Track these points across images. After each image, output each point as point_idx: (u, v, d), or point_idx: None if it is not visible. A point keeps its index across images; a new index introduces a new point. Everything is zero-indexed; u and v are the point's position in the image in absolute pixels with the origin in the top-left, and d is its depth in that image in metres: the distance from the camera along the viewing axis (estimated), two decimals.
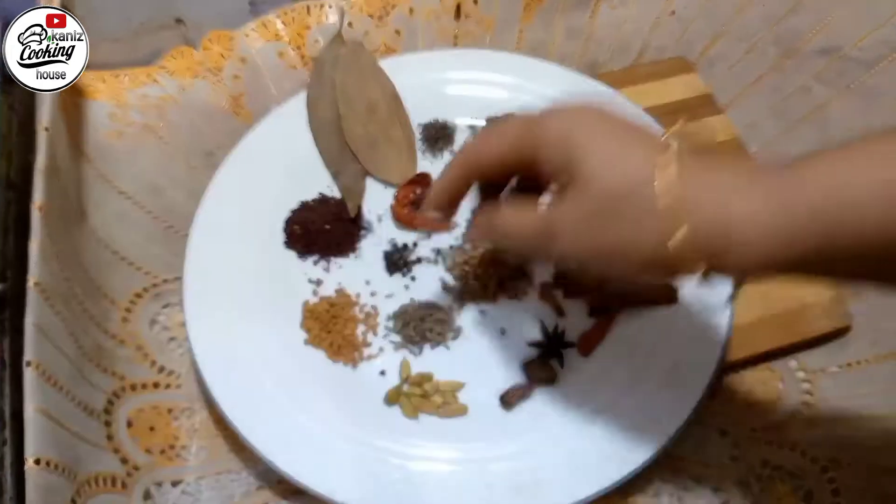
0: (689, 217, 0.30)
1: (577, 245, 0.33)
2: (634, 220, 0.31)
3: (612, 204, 0.31)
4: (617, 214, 0.31)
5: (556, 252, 0.35)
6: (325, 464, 0.43)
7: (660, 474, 0.47)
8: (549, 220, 0.34)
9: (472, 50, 0.64)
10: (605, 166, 0.32)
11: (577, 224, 0.33)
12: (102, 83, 0.58)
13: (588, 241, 0.32)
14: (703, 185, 0.30)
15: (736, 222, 0.29)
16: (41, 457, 0.36)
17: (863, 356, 0.51)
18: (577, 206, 0.32)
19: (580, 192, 0.32)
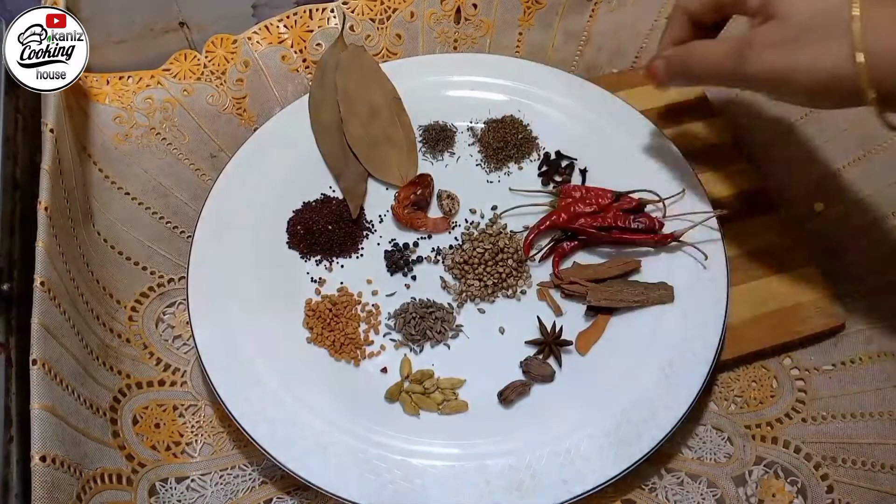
0: (866, 45, 0.33)
1: (765, 64, 0.37)
2: (820, 44, 0.35)
3: (801, 29, 0.36)
4: (804, 38, 0.36)
5: (743, 72, 0.39)
6: (327, 459, 0.44)
7: (656, 470, 0.48)
8: (744, 41, 0.39)
9: (471, 54, 0.64)
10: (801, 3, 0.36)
11: (769, 45, 0.37)
12: (107, 86, 0.59)
13: (776, 60, 0.37)
14: (882, 18, 0.34)
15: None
16: (47, 454, 0.37)
17: (856, 354, 0.51)
18: (772, 30, 0.37)
19: (776, 21, 0.37)
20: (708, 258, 0.50)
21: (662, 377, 0.46)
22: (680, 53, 0.45)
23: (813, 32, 0.36)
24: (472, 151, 0.58)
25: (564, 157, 0.57)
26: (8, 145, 0.47)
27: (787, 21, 0.36)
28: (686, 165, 0.54)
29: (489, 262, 0.51)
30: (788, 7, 0.37)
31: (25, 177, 0.48)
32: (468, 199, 0.56)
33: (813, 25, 0.36)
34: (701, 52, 0.43)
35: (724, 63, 0.41)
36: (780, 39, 0.37)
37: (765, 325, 0.51)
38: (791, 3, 0.37)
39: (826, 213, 0.57)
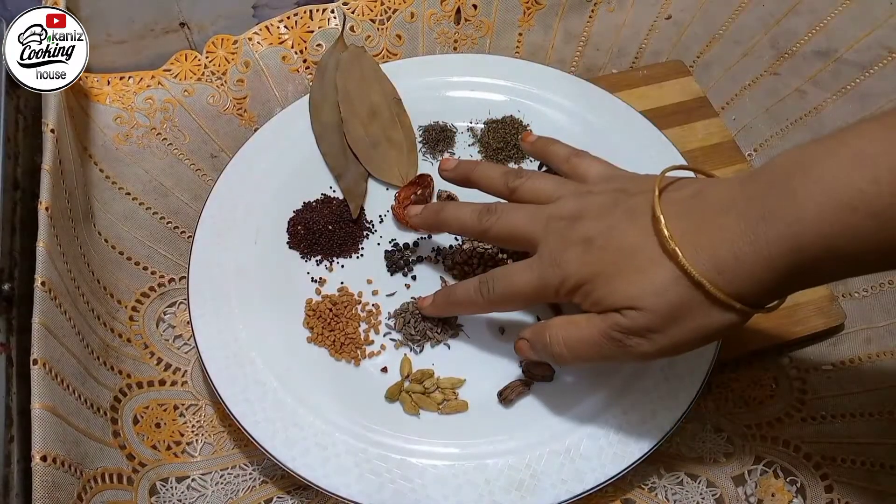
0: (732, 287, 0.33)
1: (658, 346, 0.36)
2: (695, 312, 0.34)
3: (667, 311, 0.35)
4: (677, 314, 0.35)
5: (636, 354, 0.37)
6: (327, 459, 0.44)
7: (655, 470, 0.48)
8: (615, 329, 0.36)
9: (471, 54, 0.65)
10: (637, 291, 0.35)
11: (647, 332, 0.36)
12: (108, 86, 0.59)
13: (666, 342, 0.36)
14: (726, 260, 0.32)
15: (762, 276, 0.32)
16: (48, 453, 0.37)
17: (855, 354, 0.51)
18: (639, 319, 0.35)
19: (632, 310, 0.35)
20: None
21: (662, 377, 0.46)
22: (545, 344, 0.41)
23: (680, 311, 0.34)
24: (472, 151, 0.58)
25: None
26: (9, 145, 0.47)
27: (647, 312, 0.35)
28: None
29: (489, 262, 0.51)
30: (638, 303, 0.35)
31: (26, 177, 0.48)
32: (468, 199, 0.55)
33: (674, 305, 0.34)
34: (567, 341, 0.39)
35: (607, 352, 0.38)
36: (653, 326, 0.35)
37: (765, 325, 0.52)
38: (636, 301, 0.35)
39: None
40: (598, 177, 0.42)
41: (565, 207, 0.40)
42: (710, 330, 0.35)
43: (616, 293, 0.36)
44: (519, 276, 0.41)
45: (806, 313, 0.52)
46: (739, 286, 0.33)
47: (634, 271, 0.35)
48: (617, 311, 0.36)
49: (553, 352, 0.40)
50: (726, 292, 0.33)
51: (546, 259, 0.39)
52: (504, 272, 0.42)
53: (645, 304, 0.35)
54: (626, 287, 0.35)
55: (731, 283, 0.33)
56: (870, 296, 0.53)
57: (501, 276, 0.42)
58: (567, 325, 0.39)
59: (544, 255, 0.39)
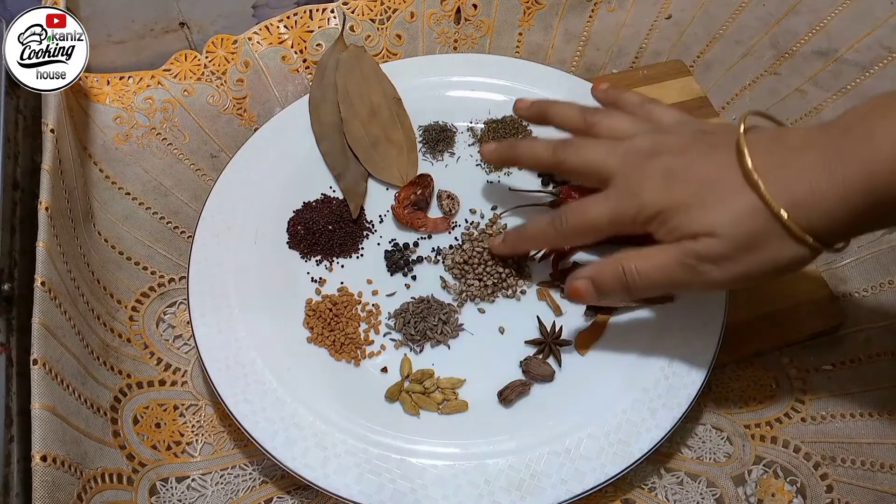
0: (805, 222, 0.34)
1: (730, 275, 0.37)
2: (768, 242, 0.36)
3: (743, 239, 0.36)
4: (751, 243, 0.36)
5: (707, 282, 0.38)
6: (327, 459, 0.44)
7: (655, 470, 0.48)
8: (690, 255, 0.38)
9: (471, 54, 0.65)
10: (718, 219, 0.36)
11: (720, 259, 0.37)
12: (107, 86, 0.59)
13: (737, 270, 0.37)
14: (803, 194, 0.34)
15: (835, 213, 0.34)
16: (48, 453, 0.37)
17: (855, 354, 0.51)
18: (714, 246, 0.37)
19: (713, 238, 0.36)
20: None
21: (662, 377, 0.46)
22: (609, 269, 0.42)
23: (755, 241, 0.36)
24: (472, 151, 0.58)
25: None
26: (8, 145, 0.47)
27: (724, 236, 0.36)
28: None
29: (489, 262, 0.51)
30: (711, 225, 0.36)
31: (26, 177, 0.48)
32: (468, 199, 0.56)
33: (750, 235, 0.36)
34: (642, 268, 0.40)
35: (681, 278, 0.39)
36: (728, 254, 0.36)
37: (765, 325, 0.52)
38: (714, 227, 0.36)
39: None
40: (674, 120, 0.43)
41: (642, 143, 0.41)
42: (780, 262, 0.36)
43: (694, 221, 0.37)
44: (594, 207, 0.42)
45: (806, 313, 0.52)
46: (814, 221, 0.34)
47: (714, 201, 0.36)
48: (692, 239, 0.37)
49: (627, 280, 0.40)
50: (801, 226, 0.34)
51: (622, 190, 0.40)
52: (578, 205, 0.43)
53: (723, 231, 0.36)
54: (705, 215, 0.36)
55: (807, 218, 0.34)
56: (870, 296, 0.53)
57: (575, 208, 0.43)
58: (638, 255, 0.40)
59: (620, 186, 0.40)
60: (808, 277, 0.53)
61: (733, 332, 0.50)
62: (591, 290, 0.42)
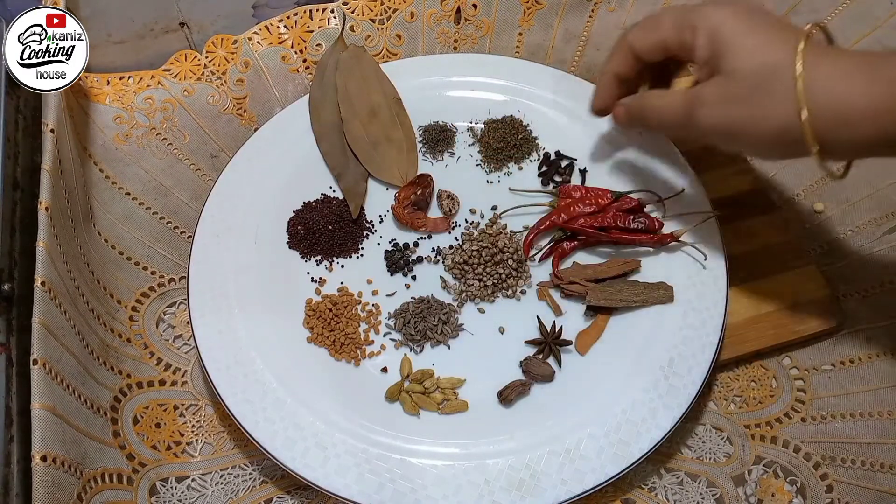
0: (809, 102, 0.35)
1: (715, 119, 0.40)
2: (766, 101, 0.37)
3: (748, 86, 0.38)
4: (752, 95, 0.37)
5: (695, 126, 0.41)
6: (327, 459, 0.44)
7: (655, 470, 0.48)
8: (694, 96, 0.41)
9: (471, 54, 0.64)
10: (746, 58, 0.38)
11: (718, 102, 0.39)
12: (107, 86, 0.59)
13: (725, 116, 0.39)
14: (822, 75, 0.35)
15: (845, 105, 0.35)
16: (48, 453, 0.37)
17: (855, 354, 0.51)
18: (720, 86, 0.39)
19: (724, 77, 0.39)
20: (708, 258, 0.50)
21: (662, 377, 0.46)
22: (635, 104, 0.47)
23: (759, 89, 0.37)
24: (472, 151, 0.58)
25: (564, 158, 0.57)
26: (8, 145, 0.47)
27: (734, 77, 0.38)
28: (686, 165, 0.54)
29: (489, 262, 0.51)
30: (734, 63, 0.38)
31: (26, 177, 0.48)
32: (468, 199, 0.56)
33: (759, 83, 0.37)
34: (654, 104, 0.45)
35: (676, 117, 0.43)
36: (729, 96, 0.39)
37: (765, 325, 0.52)
38: (737, 59, 0.38)
39: (826, 213, 0.57)
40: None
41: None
42: (766, 126, 0.37)
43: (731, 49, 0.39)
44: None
45: (806, 313, 0.52)
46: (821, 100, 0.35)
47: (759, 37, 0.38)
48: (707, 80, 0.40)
49: (641, 107, 0.46)
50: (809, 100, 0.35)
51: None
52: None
53: (740, 68, 0.38)
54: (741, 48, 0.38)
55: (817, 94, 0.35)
56: (870, 296, 0.53)
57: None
58: (657, 93, 0.46)
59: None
60: (808, 277, 0.53)
61: (733, 332, 0.50)
62: (625, 116, 0.48)
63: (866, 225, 0.55)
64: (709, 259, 0.50)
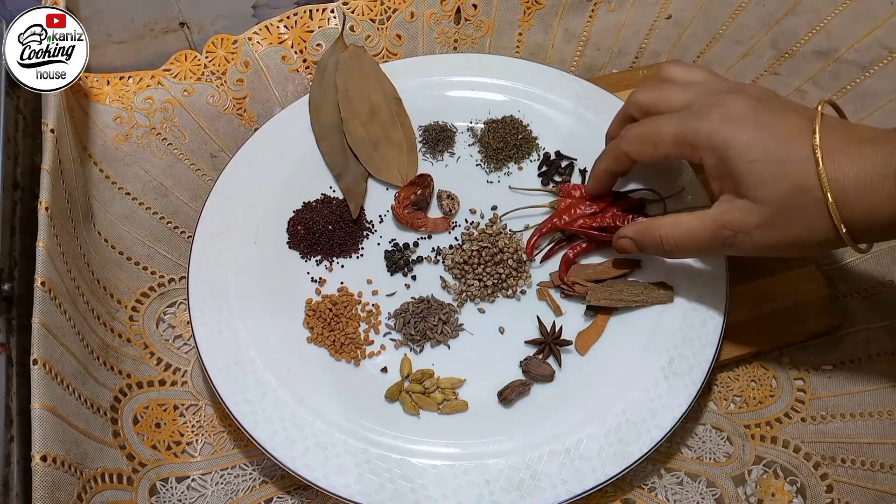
0: (844, 219, 0.36)
1: (756, 244, 0.40)
2: (803, 224, 0.38)
3: (783, 213, 0.38)
4: (787, 220, 0.38)
5: (734, 251, 0.41)
6: (327, 459, 0.44)
7: (655, 470, 0.48)
8: (725, 226, 0.40)
9: (471, 54, 0.65)
10: (769, 187, 0.38)
11: (754, 228, 0.39)
12: (107, 86, 0.59)
13: (765, 239, 0.39)
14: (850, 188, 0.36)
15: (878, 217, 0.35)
16: (48, 453, 0.37)
17: (855, 354, 0.51)
18: (752, 214, 0.39)
19: (752, 203, 0.39)
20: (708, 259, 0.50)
21: (662, 377, 0.46)
22: (645, 236, 0.45)
23: (793, 214, 0.37)
24: (472, 151, 0.58)
25: (564, 157, 0.57)
26: (8, 145, 0.47)
27: (764, 204, 0.38)
28: (686, 165, 0.54)
29: (489, 262, 0.51)
30: (757, 192, 0.38)
31: (26, 177, 0.48)
32: (468, 199, 0.56)
33: (791, 207, 0.37)
34: (671, 235, 0.43)
35: (704, 245, 0.42)
36: (764, 222, 0.39)
37: (765, 325, 0.52)
38: (759, 189, 0.38)
39: None
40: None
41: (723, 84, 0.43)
42: (807, 241, 0.38)
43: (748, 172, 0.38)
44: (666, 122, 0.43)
45: (806, 313, 0.52)
46: (855, 212, 0.36)
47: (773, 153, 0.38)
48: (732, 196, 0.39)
49: (664, 246, 0.44)
50: (841, 214, 0.36)
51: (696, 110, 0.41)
52: (654, 118, 0.44)
53: (767, 199, 0.38)
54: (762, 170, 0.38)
55: (850, 208, 0.36)
56: (870, 296, 0.53)
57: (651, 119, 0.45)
58: (676, 224, 0.43)
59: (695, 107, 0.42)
60: (808, 277, 0.53)
61: (733, 332, 0.50)
62: (635, 248, 0.46)
63: None
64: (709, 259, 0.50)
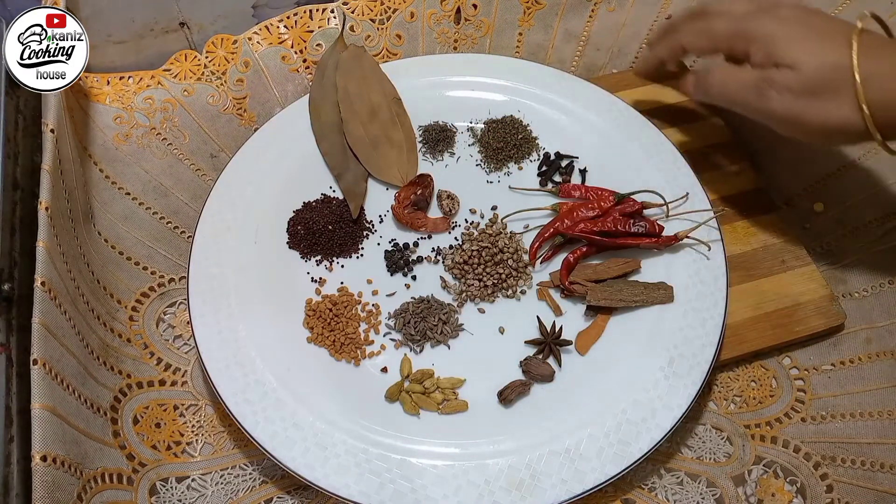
0: (869, 99, 0.40)
1: (786, 106, 0.43)
2: (830, 96, 0.41)
3: (814, 81, 0.41)
4: (818, 89, 0.41)
5: (765, 108, 0.44)
6: (327, 459, 0.44)
7: (655, 470, 0.48)
8: (767, 79, 0.44)
9: (471, 54, 0.65)
10: (808, 57, 0.42)
11: (789, 90, 0.43)
12: (107, 86, 0.59)
13: (795, 104, 0.43)
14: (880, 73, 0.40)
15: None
16: (48, 453, 0.37)
17: (855, 354, 0.51)
18: (789, 77, 0.42)
19: (791, 69, 0.42)
20: (709, 259, 0.50)
21: (662, 377, 0.46)
22: (706, 77, 0.49)
23: (824, 85, 0.41)
24: (472, 151, 0.58)
25: (564, 157, 0.57)
26: (8, 145, 0.47)
27: (802, 72, 0.42)
28: (686, 165, 0.54)
29: (489, 263, 0.51)
30: (800, 59, 0.42)
31: (26, 177, 0.48)
32: (468, 199, 0.56)
33: (824, 79, 0.41)
34: (725, 80, 0.47)
35: (747, 95, 0.46)
36: (798, 87, 0.42)
37: (765, 325, 0.52)
38: (802, 55, 0.42)
39: (826, 213, 0.57)
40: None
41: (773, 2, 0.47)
42: (830, 122, 0.42)
43: (791, 51, 0.42)
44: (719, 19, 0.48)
45: (806, 313, 0.52)
46: (881, 98, 0.39)
47: (814, 44, 0.42)
48: (776, 67, 0.43)
49: (710, 82, 0.48)
50: (867, 96, 0.40)
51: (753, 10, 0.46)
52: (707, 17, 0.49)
53: (804, 66, 0.42)
54: (801, 50, 0.42)
55: (876, 91, 0.39)
56: (870, 296, 0.53)
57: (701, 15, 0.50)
58: (728, 69, 0.48)
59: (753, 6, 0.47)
60: (808, 277, 0.53)
61: (733, 332, 0.50)
62: (691, 86, 0.51)
63: (866, 225, 0.55)
64: (709, 259, 0.50)
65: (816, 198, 0.58)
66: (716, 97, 0.49)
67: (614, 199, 0.52)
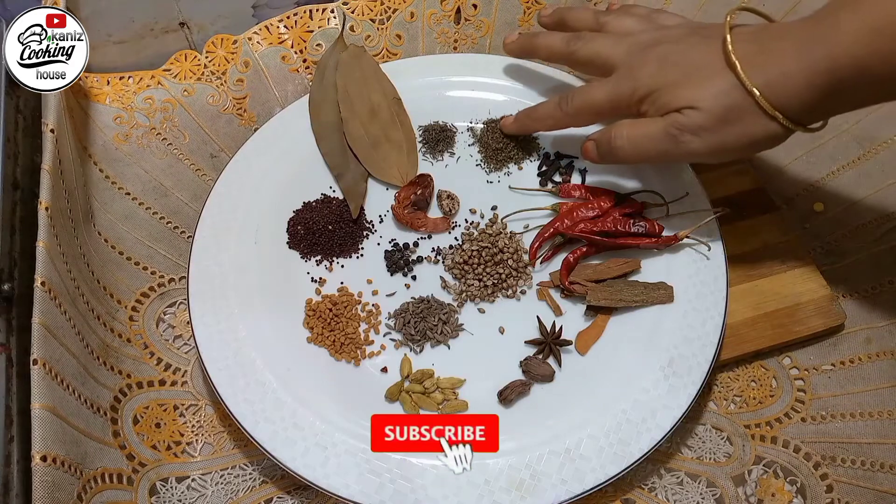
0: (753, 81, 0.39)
1: (702, 144, 0.43)
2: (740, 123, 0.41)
3: (719, 116, 0.41)
4: (726, 121, 0.41)
5: (684, 152, 0.44)
6: (327, 459, 0.44)
7: (655, 470, 0.48)
8: (674, 124, 0.43)
9: (471, 54, 0.65)
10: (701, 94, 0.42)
11: (698, 130, 0.42)
12: (107, 86, 0.59)
13: (709, 140, 0.42)
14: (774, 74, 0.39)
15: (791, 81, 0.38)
16: (48, 453, 0.37)
17: (855, 354, 0.51)
18: (696, 118, 0.42)
19: (694, 110, 0.42)
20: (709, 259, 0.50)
21: (662, 377, 0.46)
22: (605, 138, 0.48)
23: (731, 110, 0.41)
24: (472, 151, 0.58)
25: (564, 157, 0.57)
26: (8, 145, 0.47)
27: (704, 109, 0.41)
28: (686, 165, 0.54)
29: (489, 263, 0.51)
30: (695, 98, 0.42)
31: (26, 177, 0.48)
32: (468, 199, 0.56)
33: (728, 106, 0.41)
34: (631, 136, 0.46)
35: (662, 146, 0.44)
36: (709, 123, 0.42)
37: (765, 325, 0.52)
38: (695, 95, 0.42)
39: (826, 213, 0.57)
40: (675, 22, 0.49)
41: (645, 37, 0.46)
42: (754, 137, 0.41)
43: (681, 97, 0.42)
44: (596, 89, 0.48)
45: (806, 313, 0.52)
46: (784, 101, 0.39)
47: (700, 80, 0.42)
48: (678, 112, 0.43)
49: (616, 145, 0.46)
50: (772, 104, 0.39)
51: (623, 73, 0.46)
52: (582, 88, 0.49)
53: (703, 104, 0.41)
54: (691, 91, 0.42)
55: (777, 97, 0.39)
56: (870, 296, 0.53)
57: (580, 91, 0.49)
58: (631, 125, 0.46)
59: (621, 72, 0.46)
60: (808, 277, 0.53)
61: (734, 332, 0.50)
62: (593, 151, 0.49)
63: (866, 225, 0.55)
64: (709, 259, 0.50)
65: (816, 198, 0.58)
66: (627, 157, 0.47)
67: (614, 200, 0.52)
